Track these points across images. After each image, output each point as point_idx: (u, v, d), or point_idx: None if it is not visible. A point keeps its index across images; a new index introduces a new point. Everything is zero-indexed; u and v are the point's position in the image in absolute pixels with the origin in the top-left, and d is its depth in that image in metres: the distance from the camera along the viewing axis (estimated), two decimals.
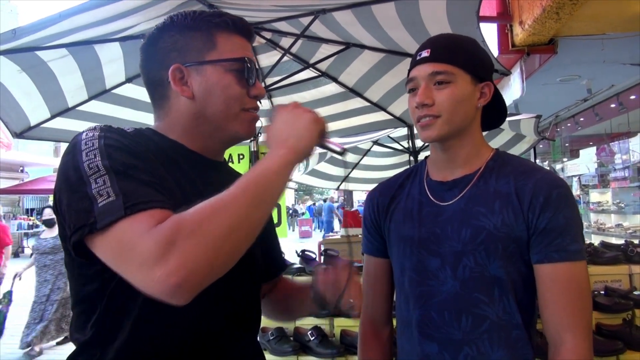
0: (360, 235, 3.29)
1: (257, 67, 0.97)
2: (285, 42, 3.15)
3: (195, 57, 0.91)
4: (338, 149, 0.90)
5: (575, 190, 9.74)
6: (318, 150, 0.89)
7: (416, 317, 1.09)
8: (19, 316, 6.61)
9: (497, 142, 5.17)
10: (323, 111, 3.88)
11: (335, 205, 18.82)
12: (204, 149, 0.96)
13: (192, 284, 0.68)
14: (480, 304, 1.03)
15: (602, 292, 2.39)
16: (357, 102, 3.68)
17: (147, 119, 3.32)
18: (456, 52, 1.08)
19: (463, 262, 1.04)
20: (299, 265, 2.66)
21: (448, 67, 1.06)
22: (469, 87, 1.07)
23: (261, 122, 0.96)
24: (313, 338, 2.26)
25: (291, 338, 2.36)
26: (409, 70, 1.12)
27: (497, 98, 1.15)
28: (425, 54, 1.08)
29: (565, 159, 10.54)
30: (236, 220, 0.71)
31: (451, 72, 1.05)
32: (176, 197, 0.79)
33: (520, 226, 1.02)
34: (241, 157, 3.33)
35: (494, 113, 1.19)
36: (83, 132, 0.81)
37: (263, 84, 3.17)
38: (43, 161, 17.51)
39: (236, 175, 1.10)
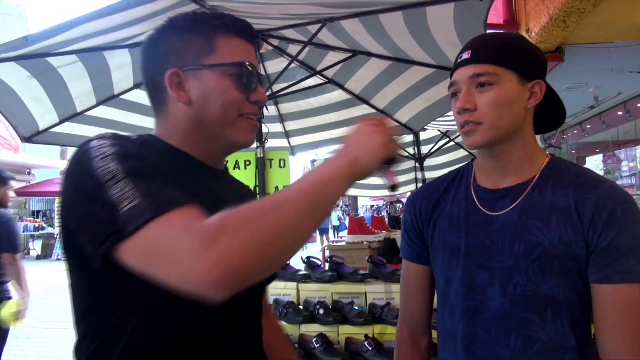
0: (365, 242, 3.26)
1: (258, 71, 0.92)
2: (293, 49, 3.17)
3: (193, 61, 0.87)
4: (389, 183, 0.85)
5: None
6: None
7: (461, 332, 1.03)
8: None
9: None
10: (329, 118, 3.91)
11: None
12: (205, 157, 0.92)
13: (234, 280, 0.65)
14: (531, 325, 0.95)
15: None
16: (363, 109, 3.70)
17: (154, 125, 3.34)
18: (500, 51, 0.98)
19: (514, 279, 0.96)
20: (305, 272, 2.65)
21: (490, 68, 0.97)
22: (516, 87, 0.98)
23: (267, 128, 0.92)
24: (318, 345, 2.25)
25: (296, 345, 2.36)
26: (450, 74, 1.04)
27: (551, 96, 1.05)
28: (465, 55, 1.00)
29: None
30: (285, 225, 0.68)
31: (494, 73, 0.96)
32: None
33: (580, 243, 0.94)
34: (247, 163, 3.32)
35: (548, 113, 1.08)
36: (89, 140, 0.77)
37: (270, 91, 3.19)
38: (50, 164, 17.60)
39: (238, 184, 1.09)
